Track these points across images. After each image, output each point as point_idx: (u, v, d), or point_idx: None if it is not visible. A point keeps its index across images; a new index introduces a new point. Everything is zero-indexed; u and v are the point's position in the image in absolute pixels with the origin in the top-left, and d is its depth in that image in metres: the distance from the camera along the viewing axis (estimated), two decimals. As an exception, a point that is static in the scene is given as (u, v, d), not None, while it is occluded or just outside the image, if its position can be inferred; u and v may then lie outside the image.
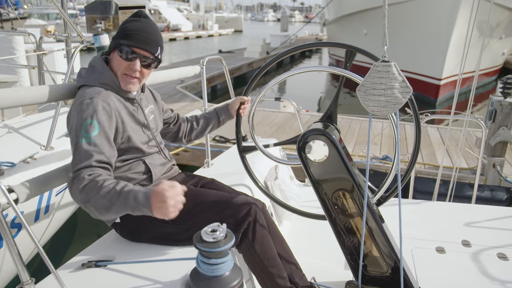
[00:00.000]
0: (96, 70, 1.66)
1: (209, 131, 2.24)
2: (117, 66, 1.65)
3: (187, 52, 25.10)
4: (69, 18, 3.66)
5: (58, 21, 29.49)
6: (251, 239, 1.63)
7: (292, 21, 77.74)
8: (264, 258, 1.64)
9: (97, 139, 1.50)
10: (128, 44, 1.61)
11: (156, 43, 1.65)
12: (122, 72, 1.65)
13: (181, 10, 54.90)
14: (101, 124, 1.53)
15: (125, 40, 1.61)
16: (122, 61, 1.63)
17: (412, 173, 3.70)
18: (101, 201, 1.37)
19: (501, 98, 4.78)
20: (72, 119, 1.57)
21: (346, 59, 1.79)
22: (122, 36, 1.62)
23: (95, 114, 1.53)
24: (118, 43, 1.63)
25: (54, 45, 6.50)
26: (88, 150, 1.47)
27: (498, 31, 13.40)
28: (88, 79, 1.66)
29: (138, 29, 1.62)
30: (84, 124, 1.51)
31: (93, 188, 1.39)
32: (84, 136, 1.49)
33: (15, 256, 1.27)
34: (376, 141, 6.46)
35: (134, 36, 1.61)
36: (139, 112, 1.76)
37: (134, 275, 1.49)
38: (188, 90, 10.69)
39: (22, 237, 2.41)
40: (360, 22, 14.80)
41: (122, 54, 1.62)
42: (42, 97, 1.71)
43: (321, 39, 30.31)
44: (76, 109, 1.56)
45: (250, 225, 1.62)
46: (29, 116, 3.38)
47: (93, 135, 1.50)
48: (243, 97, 2.14)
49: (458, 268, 2.10)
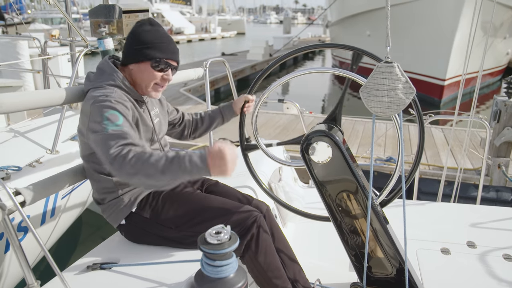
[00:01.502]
0: (105, 73, 1.67)
1: (213, 128, 2.26)
2: (147, 77, 1.67)
3: (190, 55, 25.17)
4: (73, 22, 3.68)
5: (62, 25, 29.67)
6: (254, 251, 1.62)
7: (294, 23, 77.77)
8: (268, 269, 1.63)
9: (123, 127, 1.49)
10: (163, 57, 1.65)
11: (178, 50, 1.73)
12: (154, 82, 1.69)
13: (184, 13, 55.15)
14: (123, 114, 1.53)
15: (159, 53, 1.64)
16: (155, 73, 1.67)
17: (416, 174, 3.69)
18: (152, 170, 1.35)
19: (505, 98, 4.76)
20: (88, 116, 1.55)
21: (352, 61, 1.78)
22: (156, 48, 1.64)
23: (115, 106, 1.53)
24: (151, 56, 1.64)
25: (58, 49, 6.54)
26: (120, 134, 1.45)
27: (502, 31, 13.36)
28: (96, 82, 1.66)
29: (164, 40, 1.66)
30: (106, 116, 1.49)
31: (140, 159, 1.36)
32: (111, 125, 1.47)
33: (21, 259, 1.29)
34: (380, 142, 6.45)
35: (165, 48, 1.66)
36: (146, 114, 1.78)
37: (139, 277, 1.49)
38: (191, 93, 10.72)
39: (29, 240, 2.43)
40: (363, 23, 14.79)
41: (157, 65, 1.65)
42: (51, 100, 1.73)
43: (324, 40, 30.31)
44: (92, 106, 1.54)
45: (253, 237, 1.62)
46: (35, 120, 3.40)
47: (119, 123, 1.49)
48: (247, 96, 2.14)
49: (463, 269, 2.09)
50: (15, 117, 3.98)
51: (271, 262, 1.65)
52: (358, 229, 1.74)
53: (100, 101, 1.54)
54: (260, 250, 1.62)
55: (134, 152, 1.39)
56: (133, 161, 1.37)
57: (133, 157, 1.38)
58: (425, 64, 12.50)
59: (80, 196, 3.14)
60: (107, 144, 1.43)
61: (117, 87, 1.64)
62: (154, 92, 1.72)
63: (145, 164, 1.36)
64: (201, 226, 1.62)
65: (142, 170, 1.36)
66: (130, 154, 1.39)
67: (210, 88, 5.36)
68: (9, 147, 2.87)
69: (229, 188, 1.97)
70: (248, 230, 1.61)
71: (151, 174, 1.36)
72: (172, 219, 1.66)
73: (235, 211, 1.66)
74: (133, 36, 1.67)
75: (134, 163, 1.37)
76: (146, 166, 1.36)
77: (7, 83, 4.59)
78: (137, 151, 1.40)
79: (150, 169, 1.35)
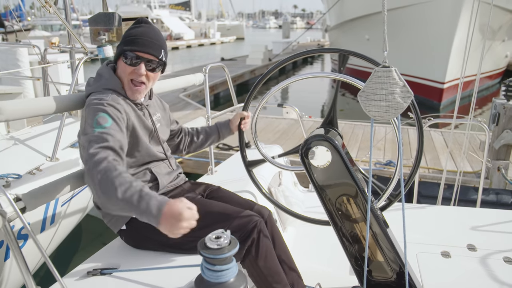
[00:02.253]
0: (103, 78, 1.69)
1: (209, 145, 2.23)
2: (123, 73, 1.67)
3: (189, 61, 25.24)
4: (72, 29, 3.70)
5: (61, 32, 29.80)
6: (255, 256, 1.62)
7: (293, 27, 77.97)
8: (268, 274, 1.63)
9: (110, 129, 1.50)
10: (132, 49, 1.63)
11: (159, 46, 1.67)
12: (128, 78, 1.67)
13: (183, 19, 55.31)
14: (112, 117, 1.55)
15: (128, 46, 1.64)
16: (127, 67, 1.65)
17: (416, 178, 3.69)
18: (112, 189, 1.31)
19: (504, 101, 4.77)
20: (83, 121, 1.59)
21: (339, 63, 1.81)
22: (125, 42, 1.65)
23: (107, 109, 1.55)
24: (122, 50, 1.66)
25: (58, 56, 6.57)
26: (102, 136, 1.46)
27: (500, 34, 13.40)
28: (94, 86, 1.69)
29: (140, 34, 1.64)
30: (96, 118, 1.52)
31: (107, 173, 1.34)
32: (98, 127, 1.49)
33: (21, 266, 1.29)
34: (379, 146, 6.45)
35: (137, 41, 1.63)
36: (147, 118, 1.77)
37: (139, 283, 1.49)
38: (191, 98, 10.74)
39: (29, 247, 2.43)
40: (362, 27, 14.84)
41: (127, 60, 1.64)
42: (51, 108, 1.74)
43: (323, 45, 30.40)
44: (86, 110, 1.59)
45: (254, 242, 1.62)
46: (35, 128, 3.41)
47: (106, 125, 1.50)
48: (243, 113, 2.14)
49: (463, 272, 2.09)
50: (15, 124, 3.99)
51: (271, 267, 1.65)
52: (358, 233, 1.75)
53: (93, 104, 1.57)
54: (261, 255, 1.63)
55: (108, 162, 1.37)
56: (102, 171, 1.35)
57: (105, 167, 1.36)
58: (424, 68, 12.54)
59: (80, 203, 3.14)
60: (89, 145, 1.44)
61: (113, 91, 1.66)
62: (130, 92, 1.68)
63: (109, 181, 1.33)
64: (201, 231, 1.60)
65: (103, 183, 1.34)
66: (103, 163, 1.37)
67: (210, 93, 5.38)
68: (9, 155, 2.87)
69: (231, 193, 1.97)
70: (248, 235, 1.62)
71: (108, 192, 1.32)
72: None
73: (236, 216, 1.66)
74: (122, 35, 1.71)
75: (102, 173, 1.35)
76: (109, 182, 1.33)
77: (7, 90, 4.61)
78: (110, 165, 1.37)
79: (110, 187, 1.32)
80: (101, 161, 1.38)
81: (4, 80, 5.77)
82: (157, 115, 1.88)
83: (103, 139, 1.46)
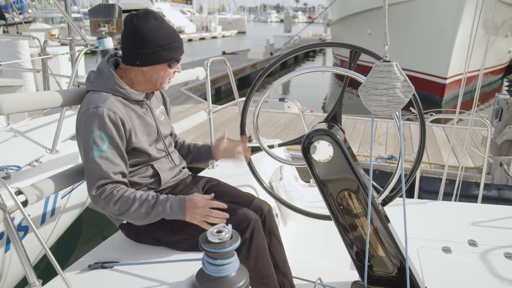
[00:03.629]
0: (103, 75, 1.65)
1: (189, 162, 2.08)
2: (164, 76, 1.69)
3: (190, 55, 25.14)
4: (73, 21, 3.68)
5: (62, 24, 29.68)
6: (245, 256, 1.59)
7: (295, 21, 77.72)
8: (256, 275, 1.60)
9: (108, 152, 1.53)
10: (179, 55, 1.69)
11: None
12: (166, 78, 1.71)
13: (184, 12, 55.14)
14: (109, 135, 1.54)
15: (176, 53, 1.66)
16: (170, 70, 1.69)
17: (417, 173, 3.68)
18: (135, 215, 1.54)
19: (507, 97, 4.75)
20: (79, 128, 1.58)
21: (350, 59, 1.78)
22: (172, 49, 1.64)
23: (103, 126, 1.53)
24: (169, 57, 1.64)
25: (58, 49, 6.54)
26: (102, 164, 1.52)
27: (503, 29, 13.33)
28: (95, 84, 1.64)
29: (176, 37, 1.66)
30: (92, 137, 1.52)
31: (124, 205, 1.52)
32: (95, 149, 1.52)
33: (22, 258, 1.29)
34: (381, 141, 6.44)
35: (179, 47, 1.68)
36: (148, 114, 1.75)
37: (140, 276, 1.49)
38: (192, 92, 10.72)
39: (29, 240, 2.43)
40: (365, 22, 14.77)
41: (173, 64, 1.68)
42: (52, 102, 1.73)
43: (325, 39, 30.28)
44: (83, 117, 1.56)
45: (245, 242, 1.58)
46: (35, 120, 3.40)
47: (103, 148, 1.52)
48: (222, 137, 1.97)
49: (464, 268, 2.08)
50: (15, 116, 3.99)
51: (261, 268, 1.62)
52: (359, 227, 1.74)
53: (89, 114, 1.54)
54: (251, 256, 1.59)
55: (117, 196, 1.52)
56: (117, 207, 1.53)
57: (117, 201, 1.52)
58: (427, 63, 12.49)
59: (80, 196, 3.14)
60: (92, 173, 1.54)
61: (112, 90, 1.62)
62: (166, 85, 1.75)
63: (129, 211, 1.53)
64: (194, 229, 1.58)
65: (126, 215, 1.55)
66: (113, 199, 1.52)
67: (211, 87, 5.36)
68: (9, 147, 2.86)
69: (231, 187, 1.96)
70: (240, 235, 1.58)
71: (134, 217, 1.56)
72: (169, 222, 1.64)
73: (230, 215, 1.60)
74: (141, 35, 1.57)
75: (118, 208, 1.53)
76: (129, 212, 1.53)
77: (8, 82, 4.60)
78: (119, 195, 1.53)
79: (133, 214, 1.54)
80: (109, 199, 1.52)
81: (5, 72, 5.76)
82: (159, 108, 1.86)
83: (104, 169, 1.52)
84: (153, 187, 1.75)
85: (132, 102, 1.69)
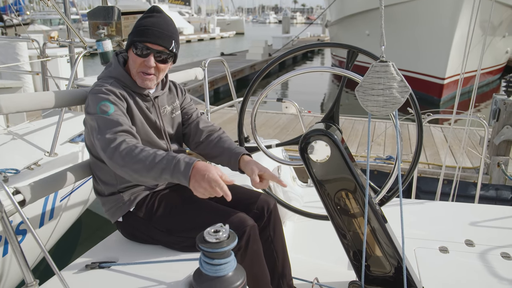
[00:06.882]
0: (111, 66, 1.72)
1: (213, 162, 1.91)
2: (133, 63, 1.66)
3: (189, 56, 25.16)
4: (72, 23, 3.69)
5: (61, 26, 29.66)
6: (240, 261, 1.51)
7: (293, 22, 77.73)
8: (250, 280, 1.54)
9: (114, 115, 1.53)
10: (141, 40, 1.61)
11: (170, 36, 1.65)
12: (138, 69, 1.65)
13: (183, 14, 55.15)
14: (114, 103, 1.56)
15: (138, 37, 1.62)
16: (137, 58, 1.64)
17: (415, 173, 3.69)
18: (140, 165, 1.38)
19: (504, 97, 4.77)
20: (87, 105, 1.62)
21: (347, 60, 1.79)
22: (136, 33, 1.64)
23: (107, 97, 1.57)
24: (132, 41, 1.64)
25: (57, 50, 6.55)
26: (111, 121, 1.50)
27: (501, 30, 13.38)
28: (101, 74, 1.73)
29: (151, 25, 1.62)
30: (98, 105, 1.54)
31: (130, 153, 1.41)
32: (102, 113, 1.52)
33: (19, 259, 1.29)
34: (379, 142, 6.45)
35: (147, 32, 1.61)
36: (153, 111, 1.74)
37: (137, 276, 1.50)
38: (190, 93, 10.58)
39: (27, 242, 2.43)
40: (363, 22, 14.80)
41: (136, 50, 1.63)
42: (51, 102, 1.74)
43: (323, 40, 30.32)
44: (89, 96, 1.61)
45: (240, 249, 1.54)
46: (33, 122, 3.40)
47: (110, 112, 1.53)
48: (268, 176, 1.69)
49: (461, 268, 2.09)
50: (14, 119, 3.99)
51: (254, 274, 1.59)
52: (357, 227, 1.75)
53: (94, 92, 1.59)
54: (245, 263, 1.55)
55: (127, 144, 1.43)
56: (124, 153, 1.41)
57: (125, 149, 1.42)
58: (425, 63, 12.52)
59: (79, 197, 3.14)
60: (101, 132, 1.48)
61: (116, 79, 1.67)
62: (140, 81, 1.66)
63: (134, 159, 1.40)
64: (190, 232, 1.57)
65: (130, 164, 1.40)
66: (123, 145, 1.43)
67: (209, 88, 5.35)
68: (8, 150, 2.86)
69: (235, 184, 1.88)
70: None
71: (137, 169, 1.40)
72: (164, 223, 1.64)
73: (226, 220, 1.55)
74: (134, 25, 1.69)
75: (125, 155, 1.41)
76: (134, 161, 1.40)
77: (6, 84, 4.60)
78: (128, 144, 1.43)
79: (137, 164, 1.39)
80: (119, 145, 1.43)
81: (3, 74, 5.76)
82: (167, 107, 1.81)
83: (113, 124, 1.49)
84: (150, 186, 1.73)
85: (136, 94, 1.70)
